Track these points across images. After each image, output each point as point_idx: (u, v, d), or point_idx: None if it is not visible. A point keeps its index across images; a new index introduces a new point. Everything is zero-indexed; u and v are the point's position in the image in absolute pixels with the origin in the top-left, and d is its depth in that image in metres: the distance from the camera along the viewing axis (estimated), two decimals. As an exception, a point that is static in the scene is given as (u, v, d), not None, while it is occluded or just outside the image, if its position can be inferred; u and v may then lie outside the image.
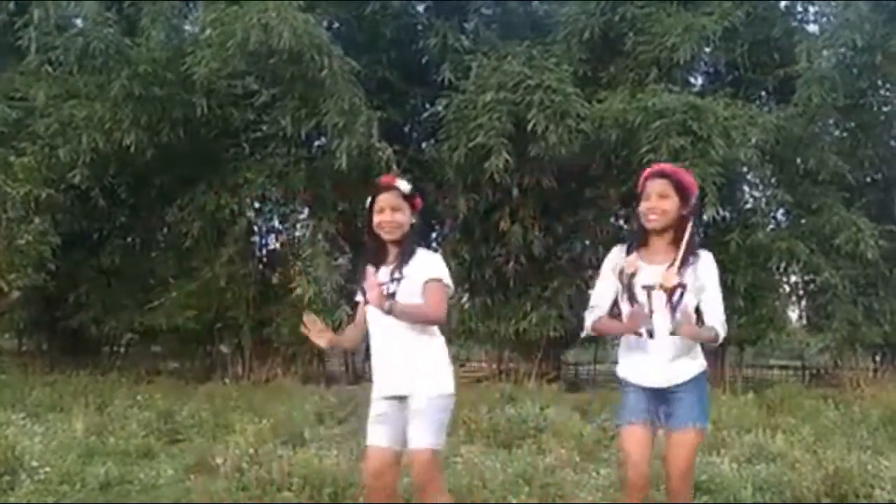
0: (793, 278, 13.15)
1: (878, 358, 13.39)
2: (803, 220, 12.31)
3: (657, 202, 3.17)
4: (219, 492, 4.64)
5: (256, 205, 13.16)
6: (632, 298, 3.17)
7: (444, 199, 12.28)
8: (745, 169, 12.23)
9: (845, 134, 13.03)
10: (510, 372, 12.07)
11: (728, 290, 11.75)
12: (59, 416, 7.47)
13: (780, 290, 13.00)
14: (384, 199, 3.35)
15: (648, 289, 3.15)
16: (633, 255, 3.19)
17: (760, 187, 13.34)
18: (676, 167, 3.38)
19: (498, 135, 10.95)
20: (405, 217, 3.34)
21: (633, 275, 3.16)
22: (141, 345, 13.53)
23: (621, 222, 13.00)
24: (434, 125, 12.55)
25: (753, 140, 11.01)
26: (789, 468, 5.15)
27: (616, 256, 3.28)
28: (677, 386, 3.26)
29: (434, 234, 14.73)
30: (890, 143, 12.82)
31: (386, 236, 3.32)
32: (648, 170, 3.34)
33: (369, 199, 3.39)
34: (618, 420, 3.33)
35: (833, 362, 13.19)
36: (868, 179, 12.92)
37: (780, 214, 13.09)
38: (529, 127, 10.92)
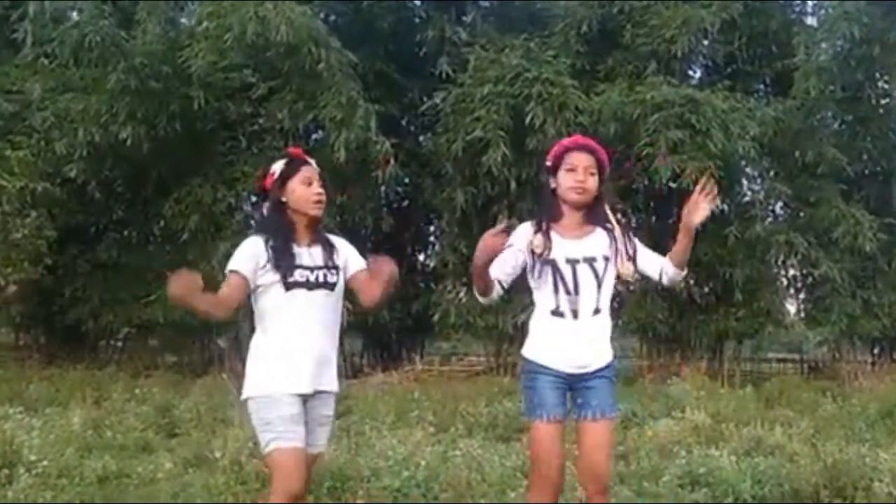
0: (791, 271, 13.14)
1: (876, 351, 13.38)
2: (801, 213, 12.30)
3: (586, 177, 3.07)
4: (217, 485, 4.63)
5: (253, 198, 13.12)
6: (556, 272, 3.03)
7: (441, 193, 12.25)
8: (743, 162, 12.20)
9: (843, 126, 13.02)
10: (508, 366, 12.05)
11: (726, 283, 11.82)
12: (56, 410, 7.47)
13: (779, 283, 12.99)
14: (310, 170, 3.07)
15: (573, 262, 3.04)
16: (540, 235, 3.04)
17: (759, 180, 13.33)
18: (595, 142, 3.28)
19: (496, 128, 10.92)
20: None
21: (541, 254, 3.02)
22: (138, 339, 13.49)
23: (619, 216, 12.97)
24: (432, 118, 12.52)
25: (752, 133, 10.98)
26: (788, 461, 5.16)
27: (525, 231, 3.08)
28: (593, 373, 3.05)
29: (432, 228, 14.73)
30: (888, 136, 12.77)
31: (314, 212, 3.04)
32: (569, 140, 3.20)
33: (281, 169, 3.05)
34: (530, 412, 3.02)
35: (831, 355, 13.18)
36: (866, 172, 12.90)
37: (778, 207, 13.08)
38: (527, 120, 10.90)
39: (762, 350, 16.79)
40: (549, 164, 3.17)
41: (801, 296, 13.58)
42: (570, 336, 3.04)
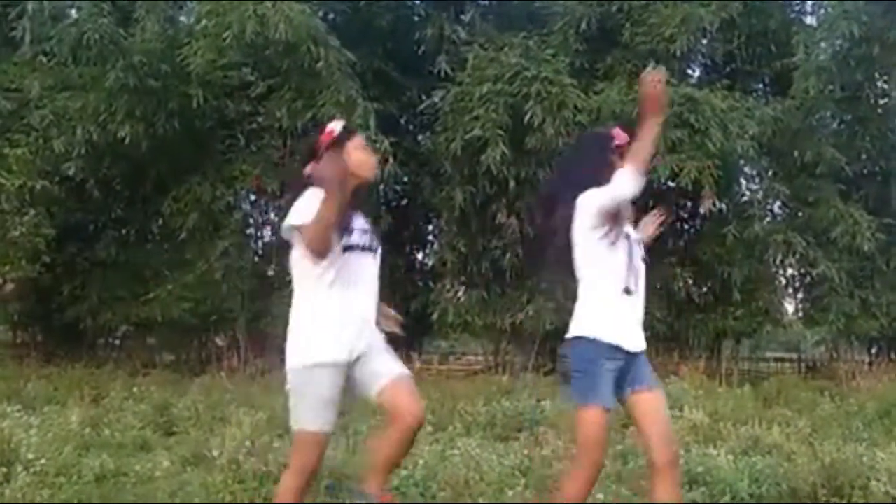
0: (789, 271, 13.16)
1: (873, 351, 13.39)
2: (800, 213, 12.31)
3: None
4: (215, 484, 4.63)
5: (252, 197, 13.13)
6: (629, 248, 3.09)
7: (440, 192, 12.26)
8: (741, 161, 12.22)
9: (842, 126, 13.02)
10: (507, 365, 12.06)
11: (724, 282, 11.83)
12: (54, 408, 7.46)
13: (777, 282, 13.01)
14: (362, 139, 3.09)
15: (636, 241, 3.17)
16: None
17: (757, 179, 13.33)
18: None
19: (495, 126, 10.92)
20: None
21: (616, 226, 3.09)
22: (136, 337, 13.48)
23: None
24: (430, 117, 12.52)
25: (750, 132, 10.99)
26: (785, 460, 5.16)
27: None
28: (639, 351, 3.15)
29: (430, 227, 14.73)
30: (887, 136, 12.76)
31: (370, 175, 3.08)
32: (626, 133, 3.21)
33: (340, 130, 3.04)
34: (586, 398, 3.00)
35: (829, 355, 13.21)
36: (865, 172, 12.91)
37: (776, 207, 13.08)
38: (526, 119, 10.90)
39: (760, 349, 16.83)
40: (621, 144, 3.17)
41: (800, 295, 13.60)
42: (635, 314, 3.12)
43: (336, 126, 3.07)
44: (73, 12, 11.78)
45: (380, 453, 3.03)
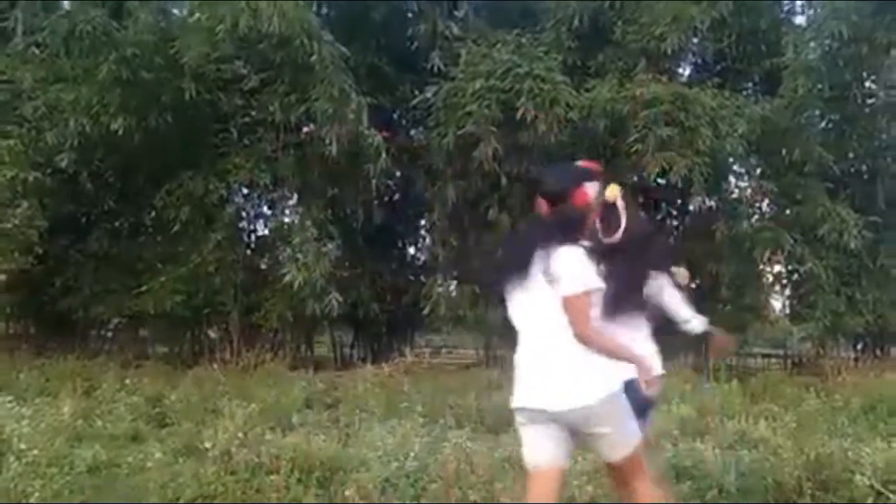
0: (777, 268, 13.24)
1: (859, 347, 13.50)
2: (788, 211, 12.39)
3: None
4: (207, 475, 4.67)
5: (245, 190, 13.13)
6: None
7: (432, 187, 12.29)
8: (731, 159, 12.29)
9: (830, 125, 13.07)
10: (498, 359, 12.10)
11: (713, 279, 11.92)
12: (46, 399, 7.48)
13: (764, 279, 13.10)
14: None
15: None
16: None
17: (746, 178, 13.43)
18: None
19: (487, 123, 10.96)
20: None
21: None
22: (129, 329, 13.48)
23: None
24: (423, 112, 12.54)
25: (740, 130, 11.06)
26: (772, 454, 5.24)
27: None
28: None
29: (422, 222, 14.76)
30: (874, 135, 12.86)
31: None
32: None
33: (597, 194, 3.12)
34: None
35: (815, 351, 13.26)
36: (852, 170, 12.98)
37: (765, 205, 13.16)
38: (518, 115, 10.93)
39: (747, 345, 16.88)
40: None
41: (787, 292, 13.69)
42: None
43: (595, 189, 3.08)
44: (66, 4, 11.74)
45: None
